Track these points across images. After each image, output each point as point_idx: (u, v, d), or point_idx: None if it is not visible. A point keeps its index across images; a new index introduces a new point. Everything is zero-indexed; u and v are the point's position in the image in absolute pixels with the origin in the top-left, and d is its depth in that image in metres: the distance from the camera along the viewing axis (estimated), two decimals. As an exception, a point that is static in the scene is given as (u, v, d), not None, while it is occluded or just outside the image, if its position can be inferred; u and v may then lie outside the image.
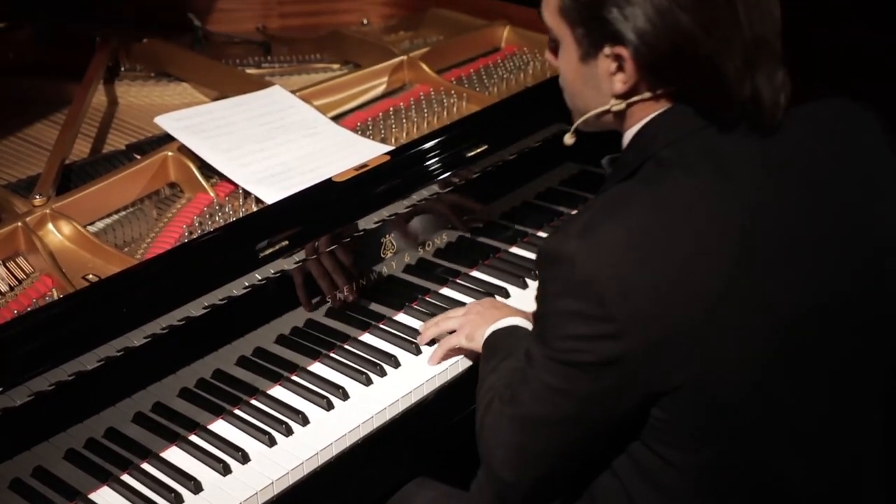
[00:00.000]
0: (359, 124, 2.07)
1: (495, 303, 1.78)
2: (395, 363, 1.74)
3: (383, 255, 1.84)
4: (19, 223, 1.68)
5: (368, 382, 1.70)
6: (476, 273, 1.98)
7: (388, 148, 1.91)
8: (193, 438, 1.59)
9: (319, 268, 1.73)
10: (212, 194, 1.84)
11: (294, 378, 1.71)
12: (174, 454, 1.57)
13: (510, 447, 1.32)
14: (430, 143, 1.91)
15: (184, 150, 1.89)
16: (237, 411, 1.64)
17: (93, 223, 1.79)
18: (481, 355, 1.61)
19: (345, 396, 1.67)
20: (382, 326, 1.83)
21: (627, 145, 1.32)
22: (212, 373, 1.64)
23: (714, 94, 1.23)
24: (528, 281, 1.93)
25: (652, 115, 1.28)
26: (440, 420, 1.73)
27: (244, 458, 1.55)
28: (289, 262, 1.67)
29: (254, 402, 1.66)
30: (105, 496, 1.50)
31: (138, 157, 1.94)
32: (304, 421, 1.62)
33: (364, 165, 1.82)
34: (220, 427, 1.62)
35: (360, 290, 1.81)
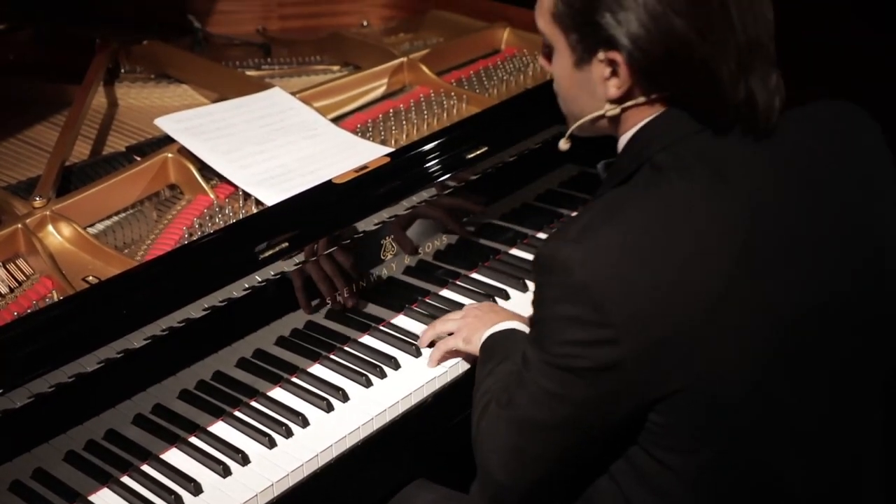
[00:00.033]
0: (359, 126, 2.07)
1: (493, 306, 1.77)
2: (395, 365, 1.74)
3: (383, 257, 1.84)
4: (19, 225, 1.68)
5: (368, 384, 1.70)
6: (476, 275, 1.98)
7: (388, 150, 1.91)
8: (193, 440, 1.59)
9: (319, 270, 1.73)
10: (212, 196, 1.84)
11: (294, 380, 1.71)
12: (174, 456, 1.57)
13: (506, 451, 1.32)
14: (430, 145, 1.91)
15: (184, 152, 1.89)
16: (237, 413, 1.64)
17: (93, 225, 1.79)
18: (478, 358, 1.60)
19: (345, 398, 1.67)
20: (382, 328, 1.83)
21: (622, 150, 1.32)
22: (212, 374, 1.63)
23: (708, 97, 1.23)
24: (527, 283, 1.93)
25: (647, 119, 1.28)
26: (440, 422, 1.73)
27: (244, 459, 1.55)
28: (289, 263, 1.67)
29: (254, 403, 1.66)
30: (105, 498, 1.50)
31: (138, 158, 1.94)
32: (304, 423, 1.62)
33: (364, 167, 1.82)
34: (220, 429, 1.62)
35: (360, 291, 1.81)
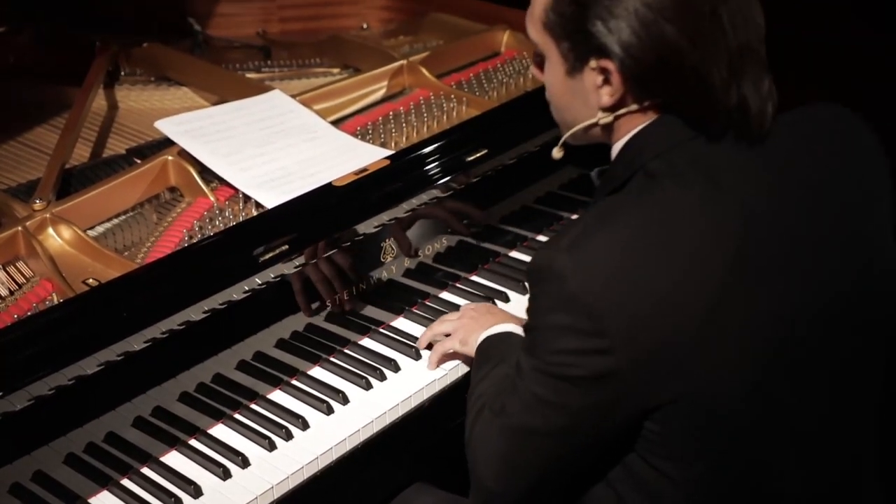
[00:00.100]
0: (359, 129, 2.07)
1: (490, 307, 1.77)
2: (395, 367, 1.74)
3: (383, 260, 1.84)
4: (19, 227, 1.68)
5: (368, 387, 1.70)
6: (476, 277, 1.98)
7: (388, 152, 1.92)
8: (193, 443, 1.59)
9: (319, 272, 1.73)
10: (212, 199, 1.84)
11: (294, 382, 1.71)
12: (174, 458, 1.57)
13: (498, 458, 1.31)
14: (429, 148, 1.91)
15: (184, 155, 1.89)
16: (237, 415, 1.64)
17: (93, 227, 1.79)
18: (473, 361, 1.60)
19: (345, 401, 1.67)
20: (382, 331, 1.83)
21: (616, 157, 1.31)
22: (212, 377, 1.63)
23: (701, 104, 1.23)
24: (527, 286, 1.93)
25: (639, 126, 1.28)
26: (440, 424, 1.73)
27: (244, 462, 1.55)
28: (289, 266, 1.67)
29: (254, 406, 1.66)
30: (105, 500, 1.50)
31: (138, 161, 1.94)
32: (305, 425, 1.62)
33: (364, 170, 1.82)
34: (221, 431, 1.62)
35: (360, 294, 1.81)
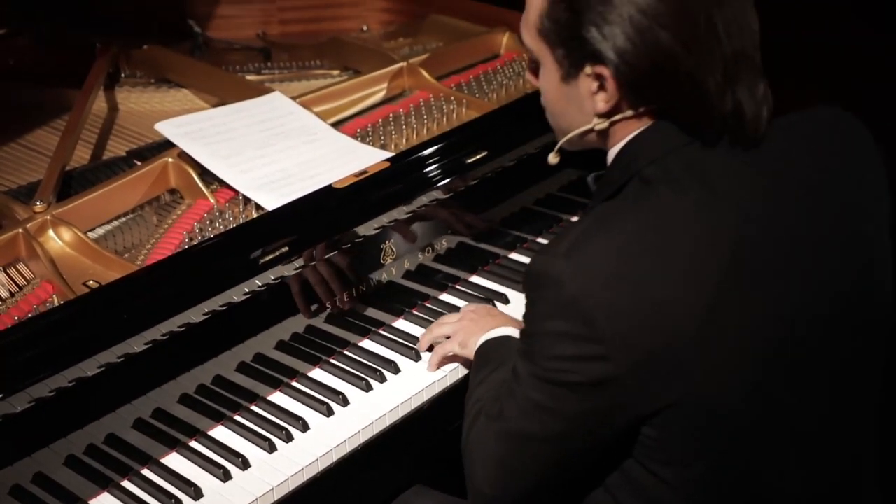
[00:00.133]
0: (358, 130, 2.07)
1: (490, 309, 1.78)
2: (395, 369, 1.74)
3: (383, 261, 1.84)
4: (20, 229, 1.68)
5: (368, 388, 1.71)
6: (475, 279, 1.99)
7: (388, 154, 1.92)
8: (194, 444, 1.59)
9: (319, 274, 1.73)
10: (212, 200, 1.84)
11: (294, 384, 1.71)
12: (174, 460, 1.57)
13: (494, 463, 1.31)
14: (429, 150, 1.91)
15: (184, 157, 1.89)
16: (237, 417, 1.64)
17: (93, 229, 1.79)
18: (472, 364, 1.60)
19: (345, 402, 1.67)
20: (382, 332, 1.83)
21: (612, 163, 1.31)
22: (212, 379, 1.64)
23: (696, 109, 1.23)
24: (524, 291, 1.93)
25: (635, 132, 1.28)
26: (440, 426, 1.73)
27: (244, 464, 1.55)
28: (289, 268, 1.67)
29: (254, 408, 1.66)
30: (105, 502, 1.50)
31: (138, 163, 1.94)
32: (304, 427, 1.62)
33: (364, 172, 1.82)
34: (221, 433, 1.62)
35: (360, 296, 1.81)
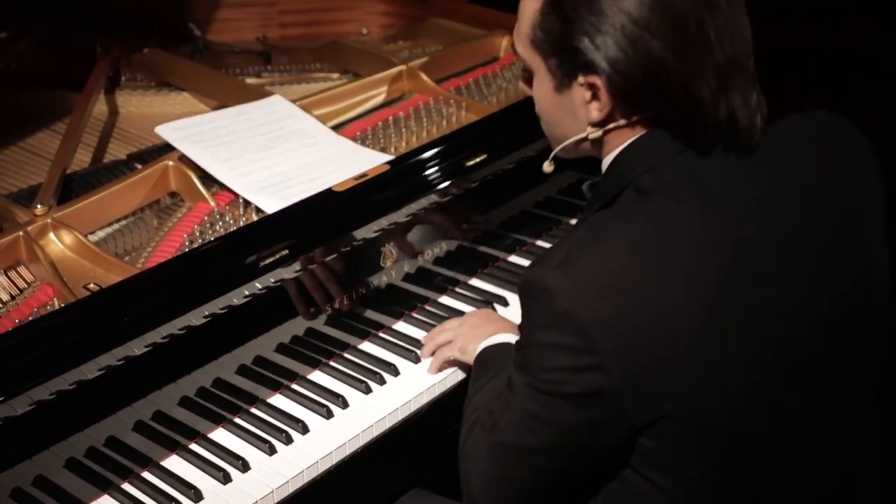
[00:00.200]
0: (358, 134, 2.08)
1: (491, 315, 1.77)
2: (395, 372, 1.75)
3: (383, 264, 1.84)
4: (21, 232, 1.68)
5: (368, 391, 1.71)
6: (475, 282, 1.99)
7: (388, 157, 1.92)
8: (194, 447, 1.60)
9: (319, 277, 1.73)
10: (212, 203, 1.84)
11: (294, 386, 1.72)
12: (174, 463, 1.57)
13: (489, 475, 1.31)
14: (429, 153, 1.91)
15: (184, 160, 1.89)
16: (237, 420, 1.65)
17: (94, 232, 1.79)
18: (471, 371, 1.60)
19: (344, 405, 1.68)
20: (382, 335, 1.84)
21: (606, 172, 1.32)
22: (212, 381, 1.64)
23: (689, 118, 1.23)
24: (519, 302, 1.93)
25: (629, 141, 1.28)
26: (440, 429, 1.73)
27: (244, 466, 1.55)
28: (289, 271, 1.67)
29: (254, 410, 1.67)
30: (105, 505, 1.51)
31: (139, 166, 1.94)
32: (304, 429, 1.62)
33: (364, 175, 1.83)
34: (221, 435, 1.62)
35: (360, 298, 1.82)
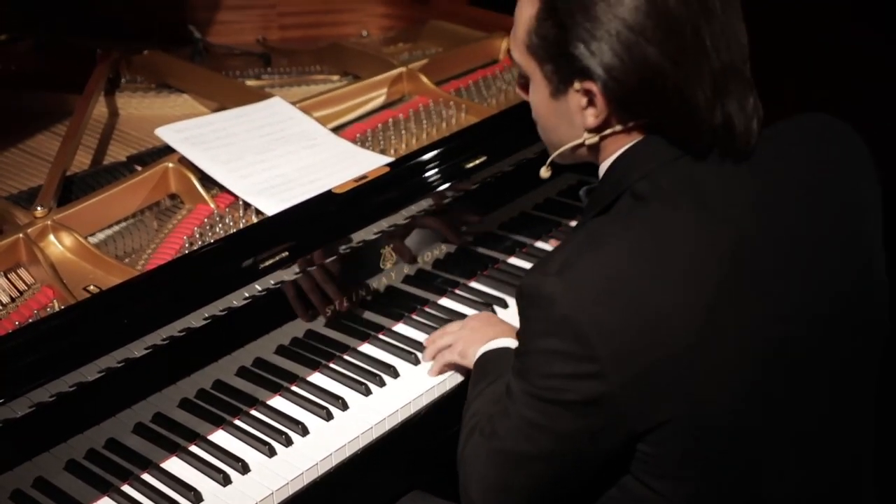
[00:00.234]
0: (358, 136, 2.08)
1: (491, 318, 1.77)
2: (395, 374, 1.75)
3: (382, 266, 1.85)
4: (20, 234, 1.68)
5: (368, 393, 1.71)
6: (475, 284, 1.99)
7: (388, 159, 1.92)
8: (194, 449, 1.60)
9: (319, 279, 1.73)
10: (212, 205, 1.84)
11: (294, 388, 1.72)
12: (174, 465, 1.57)
13: (487, 482, 1.31)
14: (429, 155, 1.92)
15: (184, 162, 1.89)
16: (237, 422, 1.65)
17: (94, 234, 1.80)
18: (471, 376, 1.60)
19: (344, 407, 1.68)
20: (382, 337, 1.84)
21: (603, 177, 1.32)
22: (212, 383, 1.64)
23: (685, 123, 1.23)
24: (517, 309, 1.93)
25: (625, 146, 1.28)
26: (439, 431, 1.73)
27: (244, 468, 1.56)
28: (289, 273, 1.67)
29: (254, 412, 1.67)
30: (105, 507, 1.51)
31: (139, 168, 1.94)
32: (304, 431, 1.62)
33: (364, 177, 1.83)
34: (221, 437, 1.62)
35: (360, 300, 1.82)
